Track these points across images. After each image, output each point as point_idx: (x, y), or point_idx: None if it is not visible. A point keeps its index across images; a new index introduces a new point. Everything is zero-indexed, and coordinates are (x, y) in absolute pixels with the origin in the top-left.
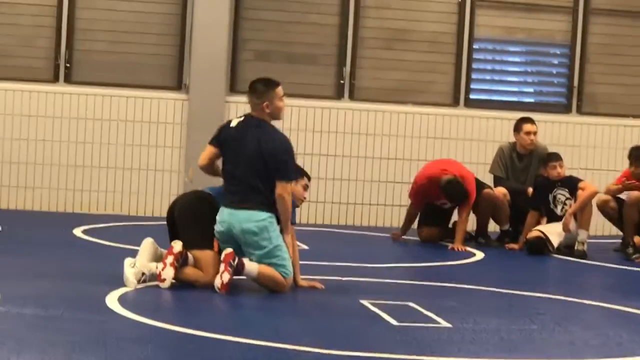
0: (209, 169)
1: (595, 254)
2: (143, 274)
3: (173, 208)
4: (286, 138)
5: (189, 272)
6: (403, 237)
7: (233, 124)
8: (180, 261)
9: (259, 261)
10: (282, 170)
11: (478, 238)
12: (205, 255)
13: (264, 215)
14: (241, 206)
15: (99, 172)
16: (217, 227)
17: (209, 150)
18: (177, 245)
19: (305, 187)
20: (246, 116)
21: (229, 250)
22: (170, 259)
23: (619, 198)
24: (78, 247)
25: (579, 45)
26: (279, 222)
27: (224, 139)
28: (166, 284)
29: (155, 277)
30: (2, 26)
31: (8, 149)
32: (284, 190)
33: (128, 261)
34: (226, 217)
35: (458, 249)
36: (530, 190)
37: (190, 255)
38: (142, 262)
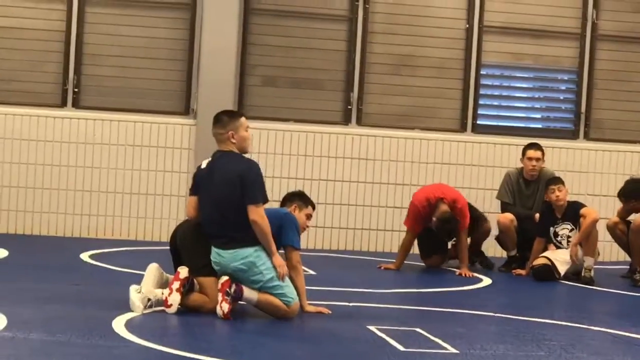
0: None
1: (602, 280)
2: (149, 299)
3: (175, 235)
4: (253, 162)
5: (195, 298)
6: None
7: (203, 165)
8: (187, 287)
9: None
10: (249, 193)
11: (475, 263)
12: (209, 281)
13: (248, 251)
14: (226, 247)
15: (107, 197)
16: (214, 266)
17: (192, 201)
18: (184, 271)
19: (309, 217)
20: (214, 153)
21: (225, 278)
22: (176, 285)
23: (628, 222)
24: (85, 272)
25: (586, 71)
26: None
27: (198, 183)
28: (173, 310)
29: (161, 303)
30: (11, 51)
31: (16, 173)
32: (255, 214)
33: (134, 287)
34: (217, 259)
35: (465, 275)
36: (537, 216)
37: (196, 282)
38: (147, 288)
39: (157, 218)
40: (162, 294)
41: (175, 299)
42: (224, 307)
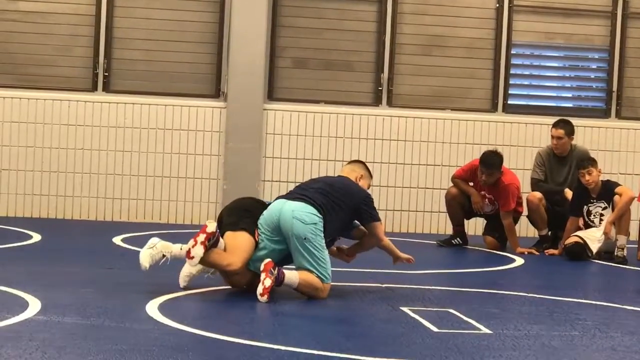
0: None
1: (634, 259)
2: (164, 255)
3: (223, 212)
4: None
5: (215, 256)
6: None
7: None
8: (211, 242)
9: (302, 264)
10: (371, 213)
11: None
12: (237, 235)
13: (317, 214)
14: (298, 197)
15: (138, 180)
16: (265, 214)
17: None
18: (211, 225)
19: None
20: None
21: (268, 260)
22: (201, 237)
23: None
24: (117, 256)
25: (617, 49)
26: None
27: None
28: (194, 262)
29: (179, 260)
30: (41, 36)
31: (47, 158)
32: (380, 231)
33: (150, 242)
34: (279, 205)
35: (525, 252)
36: (567, 190)
37: (221, 241)
38: (164, 244)
39: (188, 201)
40: (181, 249)
41: (198, 251)
42: (266, 282)
